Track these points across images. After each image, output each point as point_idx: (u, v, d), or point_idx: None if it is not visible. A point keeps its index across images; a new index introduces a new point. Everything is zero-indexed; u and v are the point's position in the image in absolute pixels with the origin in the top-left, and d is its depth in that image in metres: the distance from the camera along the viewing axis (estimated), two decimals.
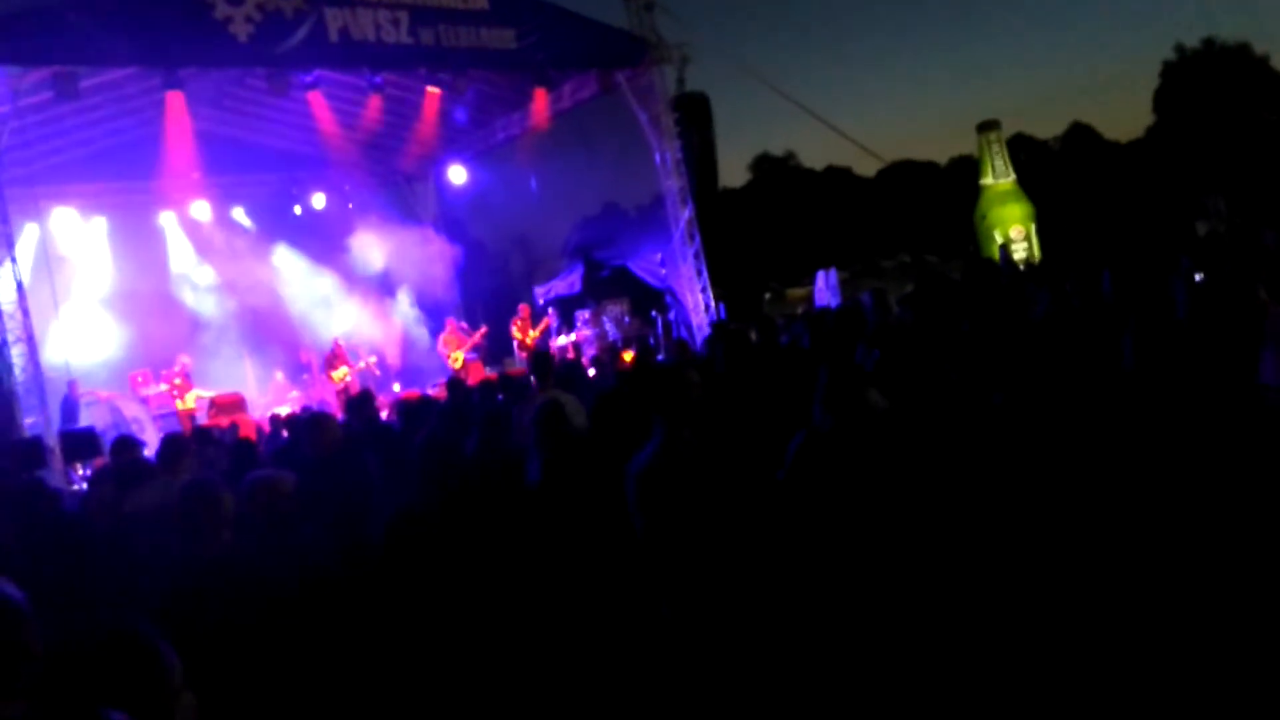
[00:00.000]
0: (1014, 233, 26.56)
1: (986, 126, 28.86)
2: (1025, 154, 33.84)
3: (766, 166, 39.25)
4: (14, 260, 12.72)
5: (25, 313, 12.66)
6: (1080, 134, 45.12)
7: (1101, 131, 45.86)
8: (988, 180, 28.23)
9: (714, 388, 4.97)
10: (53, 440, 12.24)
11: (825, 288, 20.00)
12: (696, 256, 18.45)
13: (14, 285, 12.57)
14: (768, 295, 20.72)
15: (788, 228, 30.61)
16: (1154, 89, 43.28)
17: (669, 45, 16.94)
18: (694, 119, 17.43)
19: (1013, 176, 28.04)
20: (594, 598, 4.57)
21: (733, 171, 39.79)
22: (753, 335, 11.46)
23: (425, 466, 4.36)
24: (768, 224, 30.21)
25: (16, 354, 12.52)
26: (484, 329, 17.78)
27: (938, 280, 8.78)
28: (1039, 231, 27.00)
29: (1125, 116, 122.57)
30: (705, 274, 18.50)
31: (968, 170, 32.79)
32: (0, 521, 4.86)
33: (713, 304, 18.25)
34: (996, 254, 23.54)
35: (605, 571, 4.52)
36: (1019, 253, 25.15)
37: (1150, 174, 35.04)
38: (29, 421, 12.49)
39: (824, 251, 21.78)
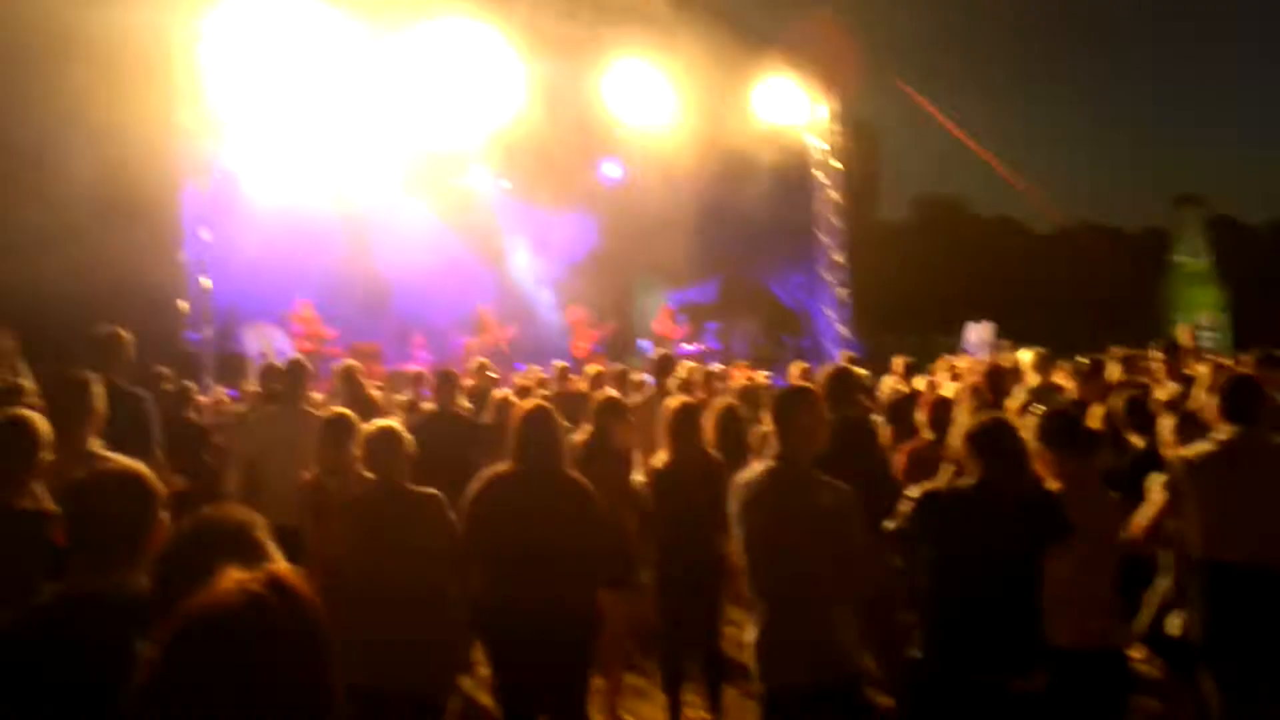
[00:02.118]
0: (1203, 319, 24.77)
1: (1185, 201, 27.25)
2: (1226, 236, 31.64)
3: (931, 206, 38.19)
4: (203, 191, 13.72)
5: (207, 239, 13.61)
6: None
7: None
8: (1180, 258, 26.54)
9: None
10: (209, 359, 13.12)
11: (975, 340, 19.29)
12: (841, 285, 18.12)
13: (200, 213, 13.54)
14: (913, 338, 20.09)
15: (945, 271, 29.66)
16: None
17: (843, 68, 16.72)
18: (860, 146, 17.16)
19: (1209, 258, 26.23)
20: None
21: (894, 205, 38.72)
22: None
23: (520, 441, 4.45)
24: (924, 264, 29.34)
25: (193, 277, 13.49)
26: (611, 325, 17.90)
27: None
28: (1233, 322, 25.08)
29: None
30: (849, 305, 18.15)
31: (1158, 244, 30.95)
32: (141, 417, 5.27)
33: (850, 335, 17.88)
34: (1181, 338, 22.04)
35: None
36: (1206, 343, 23.46)
37: None
38: (194, 338, 13.43)
39: (979, 302, 20.96)
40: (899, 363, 10.13)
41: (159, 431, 5.48)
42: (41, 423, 3.36)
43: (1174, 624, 4.54)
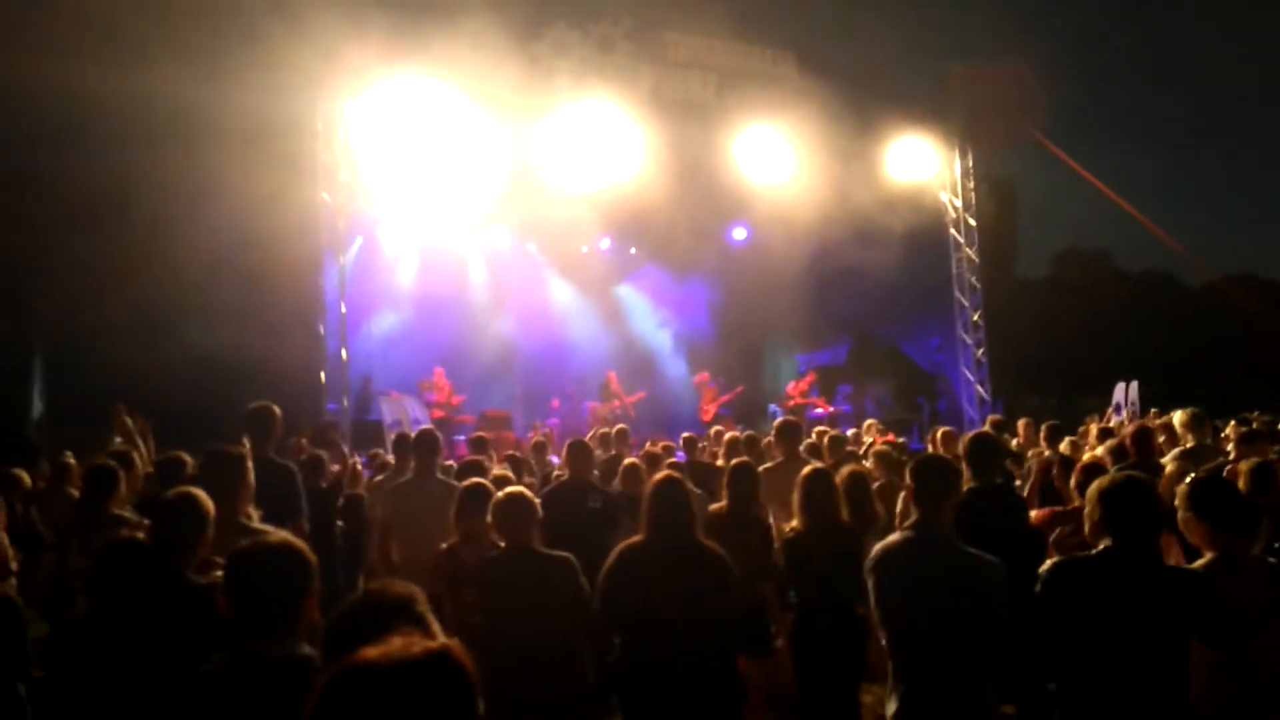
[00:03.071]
0: None
1: None
2: None
3: (1074, 261, 36.86)
4: (342, 266, 14.36)
5: (346, 313, 14.21)
6: None
7: None
8: None
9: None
10: (346, 426, 13.54)
11: (1123, 400, 18.39)
12: (978, 346, 17.57)
13: (340, 287, 14.17)
14: (1054, 400, 19.26)
15: (1090, 329, 28.48)
16: None
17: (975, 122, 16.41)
18: (997, 202, 16.72)
19: None
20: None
21: (1035, 262, 37.36)
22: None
23: (652, 513, 4.41)
24: (1067, 322, 28.27)
25: (331, 349, 14.06)
26: (739, 389, 17.77)
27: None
28: None
29: None
30: (986, 366, 17.56)
31: None
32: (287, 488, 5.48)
33: (989, 399, 17.26)
34: None
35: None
36: None
37: None
38: (332, 408, 13.93)
39: (1127, 361, 19.99)
40: (1024, 424, 9.77)
41: (305, 502, 5.68)
42: (207, 499, 3.51)
43: None
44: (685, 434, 9.62)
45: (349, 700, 1.45)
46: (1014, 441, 10.35)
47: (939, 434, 9.03)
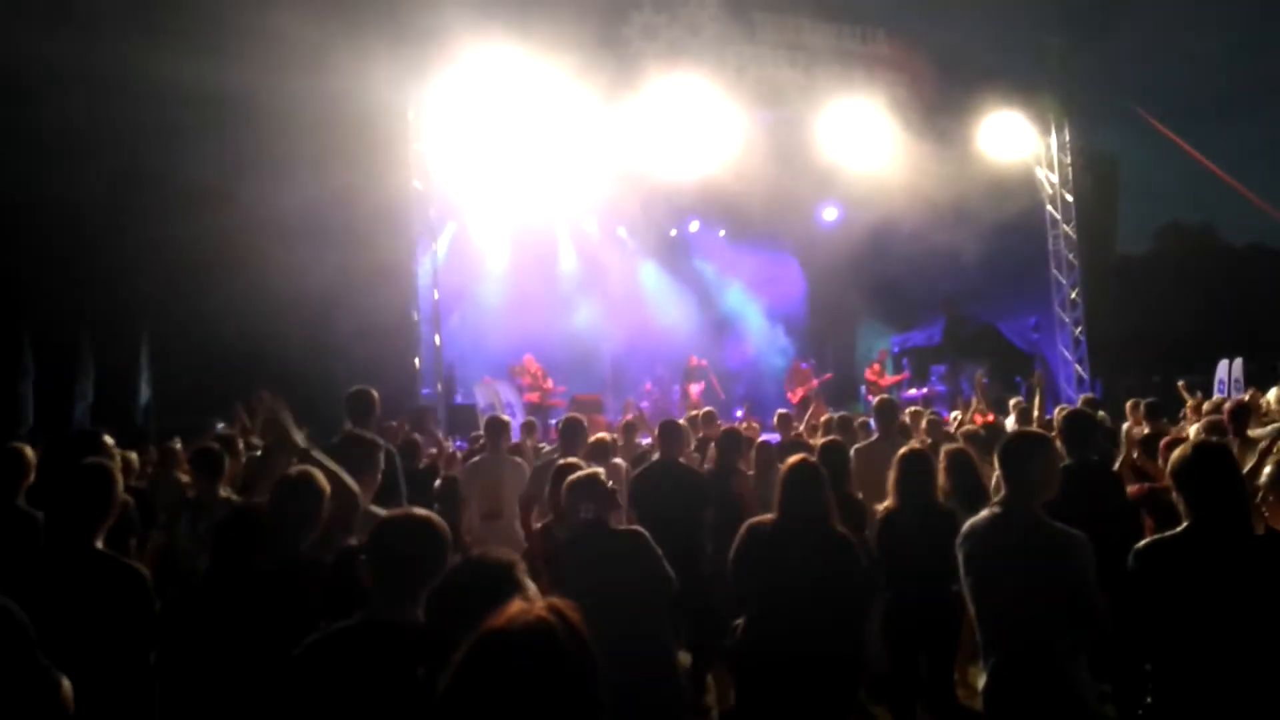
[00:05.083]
0: None
1: None
2: None
3: (1176, 236, 35.42)
4: (435, 253, 14.66)
5: (437, 300, 14.52)
6: None
7: None
8: None
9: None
10: (441, 411, 13.86)
11: (1226, 378, 17.70)
12: (1076, 324, 17.10)
13: (432, 274, 14.46)
14: (1156, 378, 18.57)
15: (1193, 305, 27.39)
16: None
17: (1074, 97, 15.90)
18: (1096, 177, 16.18)
19: None
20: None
21: (1135, 237, 35.92)
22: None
23: (784, 493, 4.47)
24: (1169, 298, 27.24)
25: (425, 334, 14.38)
26: (829, 375, 17.60)
27: None
28: None
29: None
30: (1085, 345, 17.09)
31: None
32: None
33: (1087, 378, 16.78)
34: None
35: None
36: None
37: None
38: (426, 393, 14.28)
39: (1232, 337, 19.17)
40: (1130, 406, 9.47)
41: (404, 482, 5.88)
42: (324, 479, 3.66)
43: None
44: (780, 411, 9.60)
45: (490, 666, 1.59)
46: (1124, 425, 10.06)
47: (1059, 414, 8.88)
